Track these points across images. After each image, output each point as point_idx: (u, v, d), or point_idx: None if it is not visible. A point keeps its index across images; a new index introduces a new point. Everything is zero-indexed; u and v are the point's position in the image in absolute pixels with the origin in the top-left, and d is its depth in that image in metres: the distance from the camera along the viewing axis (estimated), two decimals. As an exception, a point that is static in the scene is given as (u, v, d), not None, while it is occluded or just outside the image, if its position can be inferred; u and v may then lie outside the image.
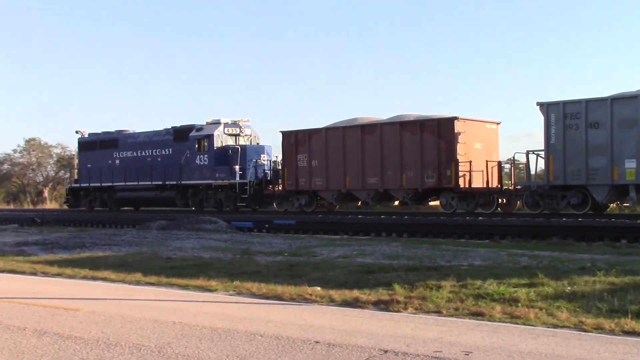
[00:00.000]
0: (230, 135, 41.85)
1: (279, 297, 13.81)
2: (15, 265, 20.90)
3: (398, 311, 12.11)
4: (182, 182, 42.08)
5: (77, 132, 49.33)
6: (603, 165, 27.74)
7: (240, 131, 42.04)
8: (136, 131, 46.86)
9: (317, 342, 9.50)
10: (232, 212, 39.93)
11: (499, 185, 32.60)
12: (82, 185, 48.13)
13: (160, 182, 43.14)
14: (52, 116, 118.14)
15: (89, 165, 47.80)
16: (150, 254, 23.45)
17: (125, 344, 9.57)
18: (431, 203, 36.08)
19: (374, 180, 34.75)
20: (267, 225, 34.01)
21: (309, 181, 37.08)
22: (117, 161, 46.09)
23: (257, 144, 42.35)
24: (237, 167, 39.96)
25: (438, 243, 25.57)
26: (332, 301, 13.29)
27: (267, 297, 13.93)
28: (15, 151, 79.14)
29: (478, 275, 15.51)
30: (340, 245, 24.61)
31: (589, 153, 28.00)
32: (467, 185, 32.51)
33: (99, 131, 49.20)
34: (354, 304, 12.93)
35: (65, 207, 51.07)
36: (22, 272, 19.38)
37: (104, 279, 17.49)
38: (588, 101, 27.98)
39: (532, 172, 30.41)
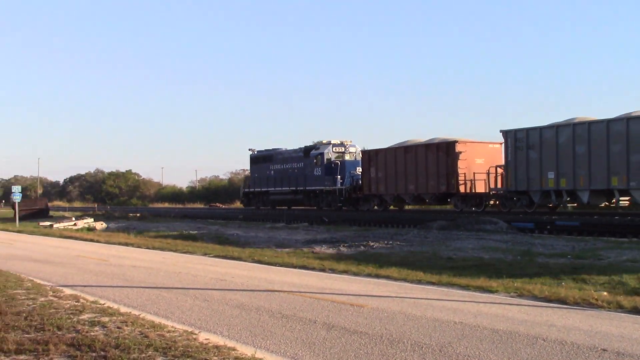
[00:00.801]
0: (337, 152, 53.50)
1: (562, 301, 13.40)
2: (306, 261, 22.27)
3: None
4: (306, 187, 54.85)
5: (249, 149, 63.06)
6: (536, 176, 37.69)
7: (345, 149, 53.63)
8: (283, 148, 59.63)
9: (604, 349, 9.11)
10: (335, 210, 51.62)
11: (488, 191, 42.35)
12: (252, 190, 61.58)
13: (294, 188, 55.85)
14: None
15: (256, 175, 61.13)
16: (430, 253, 23.81)
17: (407, 341, 9.85)
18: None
19: (412, 186, 46.00)
20: (548, 227, 33.18)
21: (376, 187, 48.94)
22: (272, 172, 58.98)
23: (355, 159, 53.12)
24: (338, 177, 52.32)
25: None
26: (620, 307, 12.65)
27: (549, 300, 13.57)
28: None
29: None
30: (628, 249, 23.27)
31: (528, 167, 38.07)
32: (468, 191, 43.22)
33: (263, 149, 62.66)
34: (646, 311, 12.20)
35: (241, 205, 66.16)
36: (312, 268, 20.60)
37: (387, 277, 18.05)
38: (528, 129, 38.10)
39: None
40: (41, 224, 53.33)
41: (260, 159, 61.21)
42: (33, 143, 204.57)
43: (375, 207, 49.74)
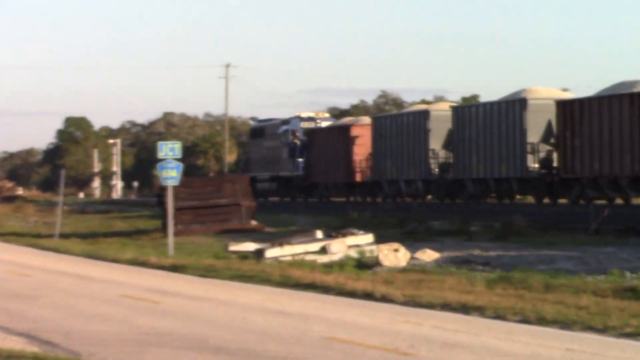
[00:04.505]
0: (308, 129, 47.38)
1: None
2: None
3: None
4: (278, 173, 48.67)
5: (251, 119, 58.02)
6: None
7: (316, 124, 47.97)
8: (278, 119, 51.62)
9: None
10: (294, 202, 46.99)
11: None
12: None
13: (271, 173, 49.60)
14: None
15: (253, 154, 54.50)
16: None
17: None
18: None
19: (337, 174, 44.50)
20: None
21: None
22: (263, 150, 51.36)
23: None
24: (300, 160, 46.40)
25: None
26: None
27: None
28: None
29: None
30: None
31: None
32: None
33: (265, 117, 55.20)
34: None
35: None
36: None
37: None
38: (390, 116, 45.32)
39: None
40: (234, 248, 23.26)
41: (257, 133, 52.64)
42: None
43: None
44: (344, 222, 28.46)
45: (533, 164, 32.50)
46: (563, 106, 31.23)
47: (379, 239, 21.68)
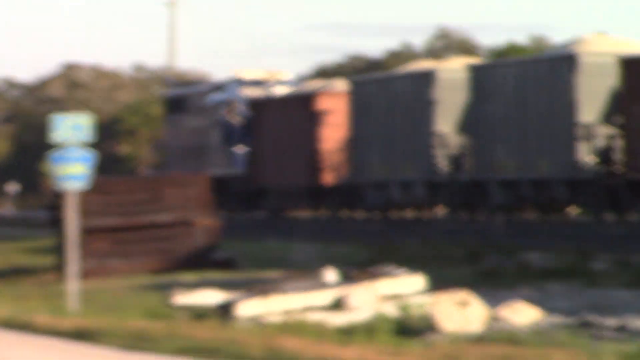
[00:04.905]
0: (254, 100, 34.25)
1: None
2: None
3: None
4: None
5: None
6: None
7: (267, 90, 35.05)
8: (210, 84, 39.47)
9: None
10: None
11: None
12: None
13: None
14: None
15: (168, 137, 40.57)
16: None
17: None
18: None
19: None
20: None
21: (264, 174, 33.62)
22: (184, 133, 37.92)
23: None
24: (239, 151, 34.33)
25: None
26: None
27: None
28: None
29: None
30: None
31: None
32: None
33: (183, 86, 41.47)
34: None
35: None
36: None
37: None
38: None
39: None
40: (183, 299, 14.84)
41: (175, 106, 37.26)
42: None
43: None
44: (374, 253, 18.68)
45: (588, 156, 23.45)
46: (631, 67, 21.74)
47: (435, 284, 13.87)
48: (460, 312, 12.67)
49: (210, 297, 14.24)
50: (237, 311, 13.08)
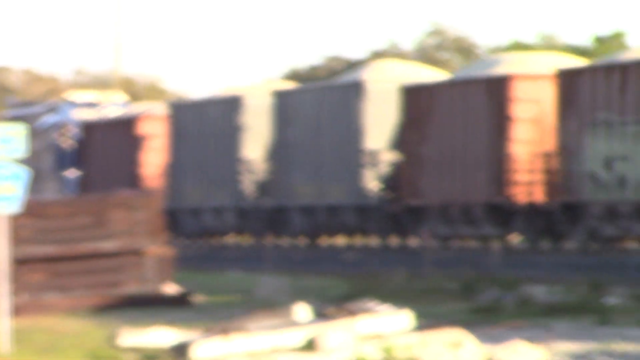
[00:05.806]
0: (87, 122, 33.43)
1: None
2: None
3: None
4: None
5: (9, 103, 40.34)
6: None
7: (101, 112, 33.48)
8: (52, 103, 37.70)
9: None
10: None
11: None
12: None
13: None
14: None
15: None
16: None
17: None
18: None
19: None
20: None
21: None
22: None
23: None
24: (70, 176, 33.20)
25: None
26: None
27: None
28: None
29: None
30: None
31: None
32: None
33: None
34: None
35: None
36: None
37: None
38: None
39: None
40: (130, 339, 11.99)
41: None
42: None
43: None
44: (355, 286, 16.76)
45: (373, 183, 24.05)
46: (409, 95, 22.82)
47: (424, 321, 12.17)
48: (453, 354, 11.15)
49: (163, 336, 12.39)
50: (193, 353, 11.12)
